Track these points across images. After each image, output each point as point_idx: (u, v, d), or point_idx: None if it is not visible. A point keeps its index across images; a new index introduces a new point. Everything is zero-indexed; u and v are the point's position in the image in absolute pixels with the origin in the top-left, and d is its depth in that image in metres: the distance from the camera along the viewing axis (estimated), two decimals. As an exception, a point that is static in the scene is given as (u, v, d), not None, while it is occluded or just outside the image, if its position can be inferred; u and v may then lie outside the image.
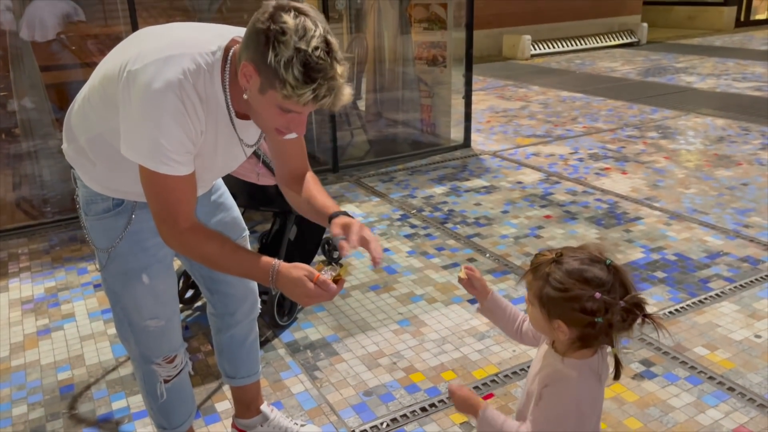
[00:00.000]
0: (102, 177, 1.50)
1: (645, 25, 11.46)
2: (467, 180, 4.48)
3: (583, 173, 4.54)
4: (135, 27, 3.78)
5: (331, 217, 1.49)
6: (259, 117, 1.35)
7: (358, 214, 3.90)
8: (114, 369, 2.47)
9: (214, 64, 1.33)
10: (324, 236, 3.14)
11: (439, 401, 2.22)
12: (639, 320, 1.17)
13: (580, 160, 4.86)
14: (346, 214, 1.48)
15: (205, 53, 1.32)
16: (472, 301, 2.86)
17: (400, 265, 3.23)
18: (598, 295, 1.14)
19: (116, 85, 1.33)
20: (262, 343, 2.57)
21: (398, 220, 3.81)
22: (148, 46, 1.33)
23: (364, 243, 1.41)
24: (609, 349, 1.22)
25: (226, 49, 1.34)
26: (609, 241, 3.41)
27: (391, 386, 2.31)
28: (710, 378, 2.30)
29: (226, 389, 2.29)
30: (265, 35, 1.20)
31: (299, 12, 1.21)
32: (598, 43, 11.01)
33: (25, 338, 2.69)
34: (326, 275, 1.35)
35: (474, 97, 5.57)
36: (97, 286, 3.10)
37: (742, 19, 13.41)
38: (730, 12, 13.20)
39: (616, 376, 1.22)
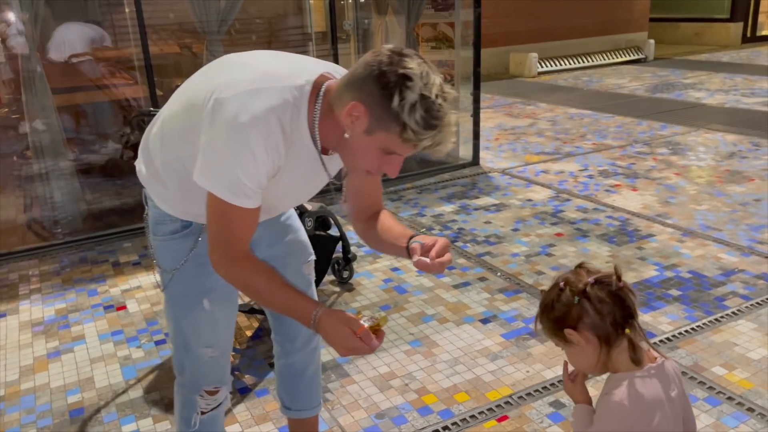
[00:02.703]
0: (173, 199, 1.50)
1: (652, 41, 11.48)
2: (477, 198, 4.47)
3: (594, 190, 4.52)
4: (146, 50, 3.82)
5: (411, 236, 1.48)
6: (353, 155, 1.35)
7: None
8: (124, 392, 2.45)
9: (302, 99, 1.32)
10: (334, 256, 3.13)
11: (453, 423, 2.19)
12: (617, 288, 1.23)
13: (590, 177, 4.83)
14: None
15: (294, 87, 1.31)
16: (484, 321, 2.83)
17: (411, 285, 3.20)
18: (562, 283, 1.26)
19: (200, 112, 1.32)
20: (271, 365, 2.55)
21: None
22: (237, 76, 1.33)
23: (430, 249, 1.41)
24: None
25: (316, 84, 1.34)
26: (621, 259, 3.38)
27: (404, 408, 2.28)
28: (729, 398, 2.25)
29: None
30: (390, 79, 1.21)
31: (419, 57, 1.24)
32: (605, 60, 11.03)
33: (35, 361, 2.68)
34: (365, 324, 1.32)
35: (482, 115, 5.58)
36: (107, 308, 3.10)
37: (748, 35, 13.41)
38: (736, 28, 13.21)
39: (636, 362, 1.23)
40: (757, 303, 2.88)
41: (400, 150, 1.29)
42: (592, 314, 1.22)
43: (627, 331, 1.22)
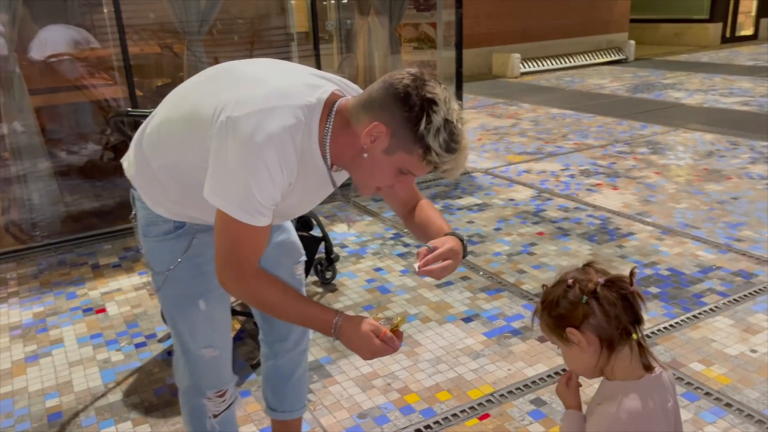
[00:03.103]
0: (171, 203, 1.48)
1: (632, 42, 11.60)
2: (460, 198, 4.48)
3: (575, 189, 4.55)
4: (125, 50, 3.78)
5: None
6: (367, 174, 1.35)
7: (351, 233, 3.88)
8: (103, 395, 2.42)
9: (313, 118, 1.32)
10: (316, 257, 3.12)
11: (435, 422, 2.19)
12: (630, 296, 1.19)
13: (572, 176, 4.87)
14: (458, 236, 1.47)
15: (306, 105, 1.31)
16: (466, 320, 2.84)
17: (394, 285, 3.21)
18: (570, 280, 1.21)
19: (208, 127, 1.31)
20: (254, 366, 2.54)
21: (391, 239, 3.79)
22: (249, 93, 1.31)
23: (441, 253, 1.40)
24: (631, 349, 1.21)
25: (327, 103, 1.34)
26: (602, 257, 3.41)
27: (386, 408, 2.28)
28: (707, 394, 2.28)
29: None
30: (415, 102, 1.23)
31: (439, 83, 1.28)
32: (586, 60, 11.13)
33: (12, 365, 2.64)
34: (384, 326, 1.33)
35: (465, 116, 5.59)
36: (86, 311, 3.06)
37: (727, 35, 13.61)
38: (715, 28, 13.40)
39: (647, 368, 1.21)
40: (734, 299, 2.92)
41: (416, 171, 1.31)
42: (599, 315, 1.18)
43: (634, 336, 1.19)
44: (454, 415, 2.23)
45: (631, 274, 1.22)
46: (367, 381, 2.44)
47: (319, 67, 4.45)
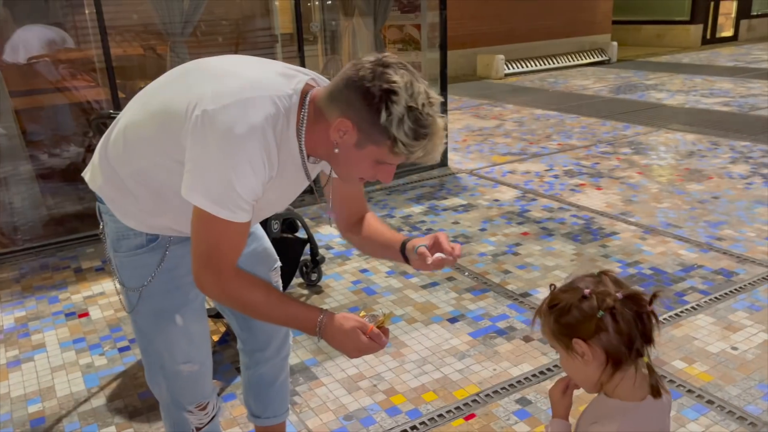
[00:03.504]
0: (142, 213, 1.41)
1: (615, 43, 11.72)
2: (445, 199, 4.50)
3: (559, 190, 4.59)
4: (107, 51, 3.75)
5: (404, 242, 1.48)
6: (345, 167, 1.33)
7: (336, 235, 3.88)
8: (86, 400, 2.40)
9: (291, 108, 1.29)
10: (302, 258, 3.11)
11: (421, 423, 2.20)
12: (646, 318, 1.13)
13: (556, 176, 4.91)
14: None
15: (283, 95, 1.28)
16: (451, 320, 2.85)
17: (380, 286, 3.21)
18: (587, 290, 1.13)
19: (182, 123, 1.26)
20: (239, 369, 2.52)
21: (376, 240, 3.79)
22: (223, 85, 1.27)
23: (438, 246, 1.42)
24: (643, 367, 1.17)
25: (303, 93, 1.31)
26: (586, 257, 3.44)
27: (372, 409, 2.28)
28: (689, 391, 2.31)
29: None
30: (374, 94, 1.19)
31: (401, 67, 1.22)
32: (570, 61, 11.22)
33: (-7, 371, 2.61)
34: (370, 324, 1.30)
35: (449, 117, 5.62)
36: (69, 315, 3.03)
37: (708, 36, 13.79)
38: (696, 30, 13.57)
39: (655, 394, 1.16)
40: (716, 297, 2.96)
41: (391, 161, 1.28)
42: (612, 332, 1.11)
43: (645, 359, 1.14)
44: (440, 415, 2.24)
45: (654, 296, 1.15)
46: (353, 382, 2.44)
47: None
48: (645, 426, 1.16)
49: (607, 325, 1.12)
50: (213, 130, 1.22)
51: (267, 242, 1.74)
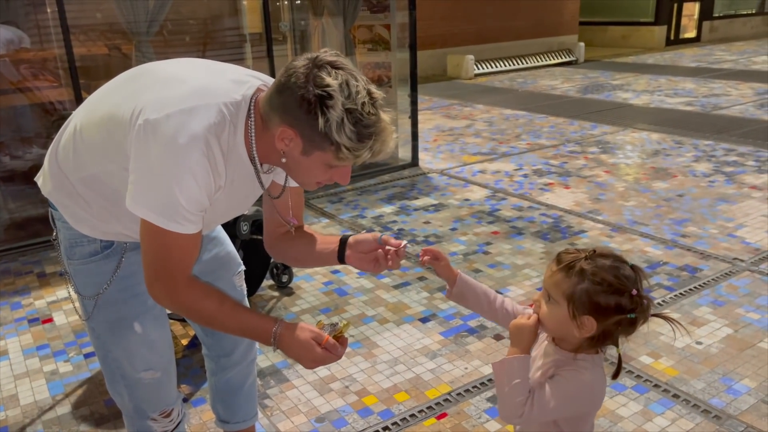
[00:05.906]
0: (95, 219, 1.38)
1: (582, 44, 11.90)
2: (416, 199, 4.51)
3: (528, 189, 4.64)
4: (69, 51, 3.67)
5: (343, 240, 1.46)
6: (298, 174, 1.30)
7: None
8: (51, 408, 2.34)
9: (239, 115, 1.25)
10: (272, 261, 3.09)
11: (393, 423, 2.20)
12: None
13: (525, 176, 4.96)
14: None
15: (230, 103, 1.24)
16: (423, 320, 2.86)
17: (351, 287, 3.20)
18: (635, 291, 1.18)
19: (126, 131, 1.22)
20: (210, 373, 2.49)
21: (348, 240, 3.78)
22: (167, 93, 1.23)
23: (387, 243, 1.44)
24: (614, 349, 1.27)
25: (253, 99, 1.27)
26: (555, 255, 3.47)
27: (344, 411, 2.27)
28: (656, 386, 2.35)
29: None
30: (309, 102, 1.14)
31: (335, 67, 1.16)
32: (538, 62, 11.36)
33: (-48, 380, 2.53)
34: (326, 333, 1.29)
35: (420, 117, 5.63)
36: (32, 321, 2.95)
37: (672, 37, 14.09)
38: (660, 31, 13.86)
39: (615, 376, 1.28)
40: (681, 293, 3.02)
41: (341, 164, 1.23)
42: (626, 328, 1.21)
43: (618, 351, 1.24)
44: (412, 415, 2.24)
45: (667, 319, 1.29)
46: (325, 384, 2.42)
47: (272, 68, 4.41)
48: (603, 375, 1.28)
49: (626, 323, 1.20)
50: (155, 140, 1.18)
51: (230, 246, 1.72)
